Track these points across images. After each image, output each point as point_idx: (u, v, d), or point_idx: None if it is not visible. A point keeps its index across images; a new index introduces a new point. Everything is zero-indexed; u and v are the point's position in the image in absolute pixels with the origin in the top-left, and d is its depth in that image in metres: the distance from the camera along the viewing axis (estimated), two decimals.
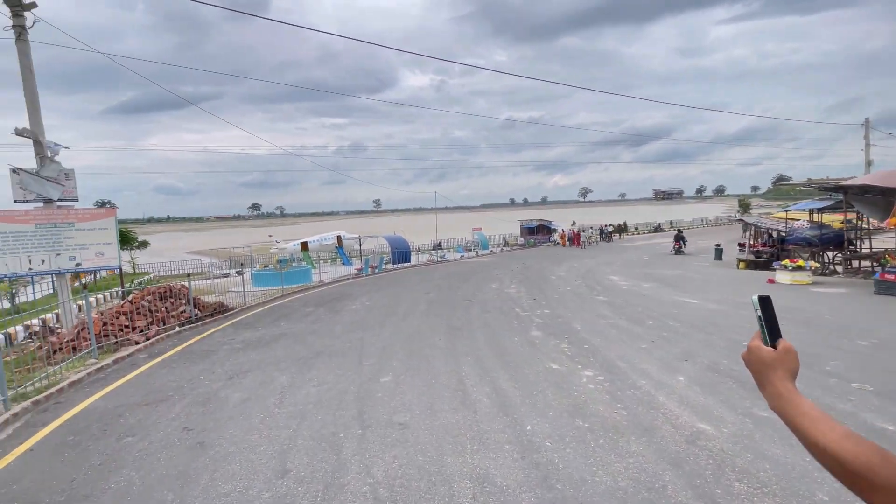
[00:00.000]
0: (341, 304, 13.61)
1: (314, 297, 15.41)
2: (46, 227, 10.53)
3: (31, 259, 10.35)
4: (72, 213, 10.83)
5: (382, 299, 14.07)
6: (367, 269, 23.79)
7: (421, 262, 28.29)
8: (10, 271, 10.16)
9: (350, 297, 14.82)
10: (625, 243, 37.21)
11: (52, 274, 10.87)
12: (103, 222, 11.15)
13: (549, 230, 40.87)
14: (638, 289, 13.50)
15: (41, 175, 10.50)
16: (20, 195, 10.37)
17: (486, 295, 13.65)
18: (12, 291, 17.63)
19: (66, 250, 10.69)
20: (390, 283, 18.64)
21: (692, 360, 6.43)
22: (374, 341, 8.61)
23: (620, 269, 19.00)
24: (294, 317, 11.92)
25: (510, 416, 4.83)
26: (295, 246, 35.87)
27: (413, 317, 10.86)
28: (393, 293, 15.33)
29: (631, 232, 47.73)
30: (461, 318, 10.38)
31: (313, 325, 10.57)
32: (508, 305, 11.61)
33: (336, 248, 34.50)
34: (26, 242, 10.32)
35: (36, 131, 10.43)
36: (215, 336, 10.20)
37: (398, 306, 12.54)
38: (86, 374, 7.67)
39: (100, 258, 11.06)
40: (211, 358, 8.19)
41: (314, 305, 13.59)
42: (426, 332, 9.06)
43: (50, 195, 10.61)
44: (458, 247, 40.56)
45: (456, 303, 12.56)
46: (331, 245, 35.82)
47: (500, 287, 15.31)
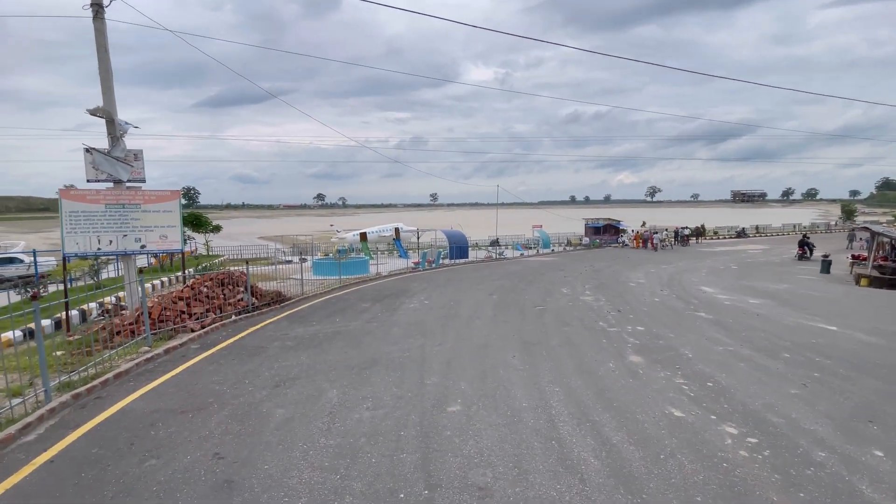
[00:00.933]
0: (399, 300, 12.64)
1: (371, 291, 14.60)
2: (115, 207, 10.36)
3: (100, 239, 10.23)
4: (138, 195, 10.60)
5: (442, 298, 12.93)
6: (425, 263, 22.88)
7: (478, 259, 26.99)
8: (81, 250, 10.08)
9: (407, 294, 13.84)
10: (702, 248, 33.62)
11: (119, 255, 10.74)
12: (168, 205, 10.86)
13: (618, 230, 37.93)
14: (745, 305, 11.31)
15: (112, 155, 10.34)
16: (93, 175, 10.26)
17: (558, 302, 12.08)
18: (95, 267, 18.48)
19: (133, 232, 10.49)
20: (448, 279, 17.52)
21: (880, 423, 4.61)
22: (436, 351, 7.43)
23: (710, 279, 16.53)
24: (350, 312, 11.07)
25: (637, 498, 3.40)
26: (354, 236, 35.92)
27: (478, 323, 9.57)
28: (453, 292, 14.16)
29: (709, 235, 43.38)
30: (535, 329, 8.95)
31: (369, 325, 9.61)
32: (590, 317, 10.00)
33: (393, 240, 34.07)
34: (96, 222, 10.20)
35: (109, 110, 10.26)
36: (268, 329, 9.53)
37: (460, 307, 11.33)
38: (135, 364, 7.14)
39: (163, 241, 10.79)
40: (260, 356, 7.41)
41: (371, 301, 12.73)
42: (496, 345, 7.74)
43: (120, 176, 10.43)
44: (516, 244, 38.82)
45: (525, 308, 11.12)
46: (388, 237, 35.49)
47: (573, 293, 13.63)
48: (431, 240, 40.72)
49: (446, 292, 14.17)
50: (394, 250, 34.67)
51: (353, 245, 37.04)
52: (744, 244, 36.26)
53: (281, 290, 13.57)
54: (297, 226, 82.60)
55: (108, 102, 10.35)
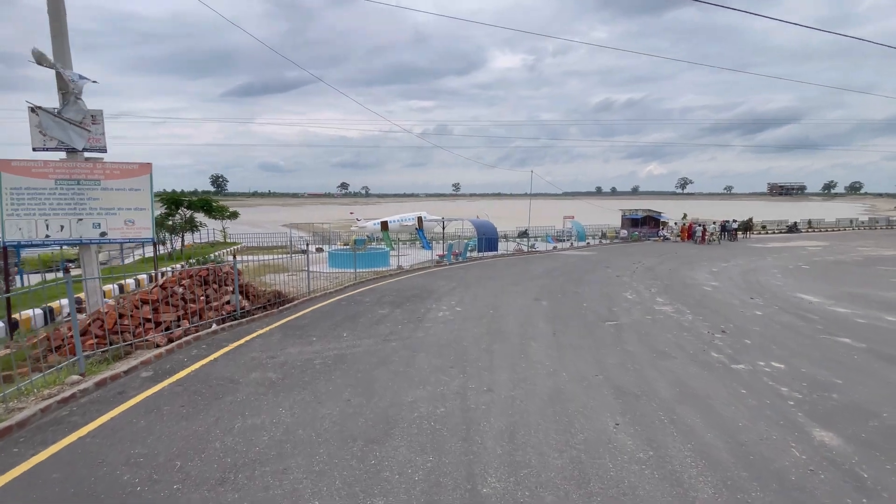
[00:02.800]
0: (424, 305, 10.02)
1: (390, 291, 12.04)
2: (68, 183, 8.00)
3: (48, 223, 7.90)
4: (98, 168, 8.21)
5: (477, 303, 10.25)
6: (450, 255, 20.22)
7: (508, 252, 24.17)
8: (26, 237, 7.78)
9: (434, 295, 11.22)
10: (753, 244, 29.93)
11: (73, 244, 8.42)
12: (136, 181, 8.46)
13: (658, 222, 34.41)
14: (886, 325, 8.25)
15: (63, 117, 7.96)
16: (39, 142, 7.89)
17: (630, 312, 9.23)
18: None
19: (90, 215, 8.13)
20: (481, 276, 14.80)
21: None
22: (485, 404, 4.76)
23: (796, 283, 13.33)
24: (362, 322, 8.51)
25: None
26: (375, 225, 33.51)
27: (535, 347, 6.86)
28: (489, 293, 11.45)
29: (757, 230, 39.32)
30: (621, 362, 6.17)
31: (385, 345, 7.02)
32: (690, 342, 7.14)
33: (416, 230, 31.50)
34: (43, 202, 7.86)
35: (59, 61, 7.85)
36: (253, 346, 7.05)
37: (503, 319, 8.63)
38: (40, 409, 4.73)
39: (129, 228, 8.40)
40: (223, 401, 4.90)
41: (389, 304, 10.15)
42: (577, 396, 5.00)
43: (73, 143, 8.04)
44: (547, 236, 35.80)
45: (591, 323, 8.34)
46: (411, 226, 32.92)
47: (642, 299, 10.74)
48: (456, 230, 38.00)
49: (481, 294, 11.48)
50: (416, 241, 32.15)
51: (374, 234, 34.67)
52: (797, 240, 32.29)
53: (287, 287, 11.17)
54: (320, 214, 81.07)
55: (59, 49, 7.93)
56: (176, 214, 24.11)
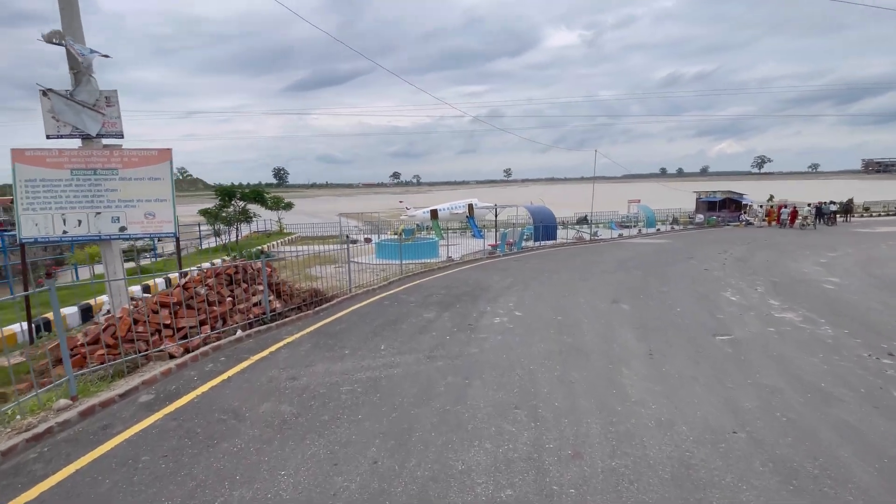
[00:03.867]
0: (476, 307, 8.48)
1: (438, 288, 10.60)
2: (84, 174, 7.21)
3: (65, 218, 7.18)
4: (115, 156, 7.37)
5: (541, 305, 8.55)
6: (504, 245, 18.48)
7: (568, 241, 21.97)
8: (42, 234, 7.11)
9: (488, 294, 9.63)
10: (857, 228, 25.43)
11: (91, 240, 7.69)
12: (155, 169, 7.54)
13: (740, 205, 30.37)
14: None
15: (76, 99, 7.15)
16: (53, 128, 7.13)
17: (745, 323, 7.12)
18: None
19: (108, 208, 7.33)
20: (540, 270, 12.99)
21: None
22: (575, 484, 3.13)
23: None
24: (403, 330, 7.12)
25: None
26: (424, 214, 32.33)
27: (628, 373, 5.09)
28: (554, 293, 9.68)
29: (858, 212, 33.87)
30: (770, 410, 4.25)
31: (430, 363, 5.56)
32: (848, 370, 5.04)
33: (467, 218, 29.92)
34: (59, 195, 7.13)
35: (68, 34, 7.00)
36: (275, 360, 5.86)
37: (576, 328, 6.89)
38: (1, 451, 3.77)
39: (149, 221, 7.52)
40: (208, 458, 3.63)
41: (436, 306, 8.70)
42: (716, 475, 3.24)
43: (87, 128, 7.22)
44: (609, 222, 32.87)
45: (695, 337, 6.39)
46: (461, 214, 31.41)
47: (748, 301, 8.51)
48: (510, 217, 36.00)
49: (544, 293, 9.73)
50: (467, 229, 30.61)
51: (424, 223, 33.55)
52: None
53: (332, 281, 10.11)
54: (373, 203, 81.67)
55: (69, 21, 7.09)
56: (230, 206, 24.19)
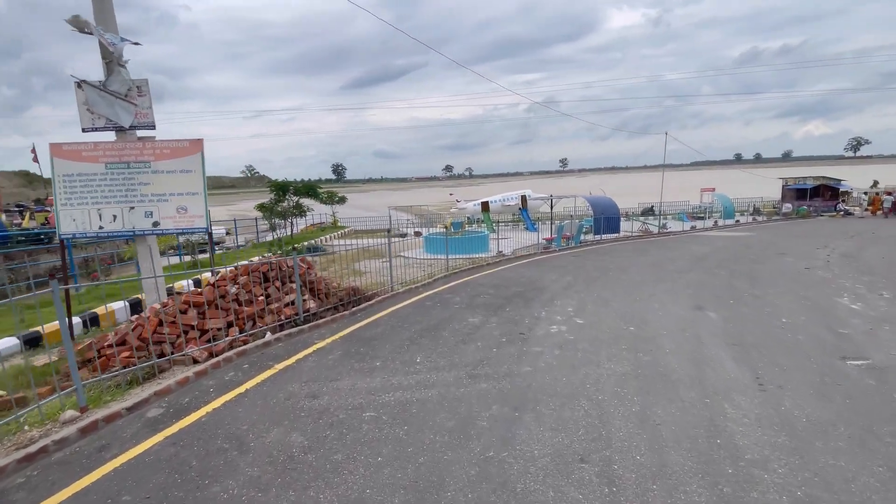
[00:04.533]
0: (530, 311, 7.38)
1: (487, 287, 9.59)
2: (118, 167, 6.99)
3: (101, 213, 7.01)
4: (147, 148, 7.08)
5: (607, 311, 7.28)
6: (560, 239, 17.03)
7: (632, 234, 19.99)
8: (80, 230, 6.98)
9: (543, 296, 8.47)
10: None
11: (126, 236, 7.48)
12: (187, 161, 7.17)
13: (837, 193, 26.36)
14: None
15: (108, 90, 6.90)
16: (88, 121, 6.95)
17: (881, 343, 5.47)
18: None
19: (142, 202, 7.07)
20: (603, 268, 11.54)
21: None
22: None
23: None
24: (445, 338, 6.20)
25: None
26: (475, 206, 31.26)
27: (735, 414, 3.77)
28: (622, 296, 8.32)
29: None
30: None
31: (472, 385, 4.60)
32: None
33: (520, 210, 28.47)
34: (95, 190, 6.95)
35: (100, 23, 6.74)
36: (300, 371, 5.18)
37: (654, 344, 5.60)
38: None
39: (181, 216, 7.18)
40: (203, 496, 2.97)
41: (483, 309, 7.71)
42: None
43: (120, 120, 6.97)
44: (679, 213, 30.00)
45: (816, 361, 4.85)
46: (514, 206, 29.98)
47: (876, 311, 6.66)
48: (566, 209, 34.01)
49: (609, 296, 8.40)
50: (519, 222, 29.20)
51: (475, 216, 32.51)
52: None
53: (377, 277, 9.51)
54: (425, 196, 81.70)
55: (101, 9, 6.82)
56: (284, 201, 24.61)
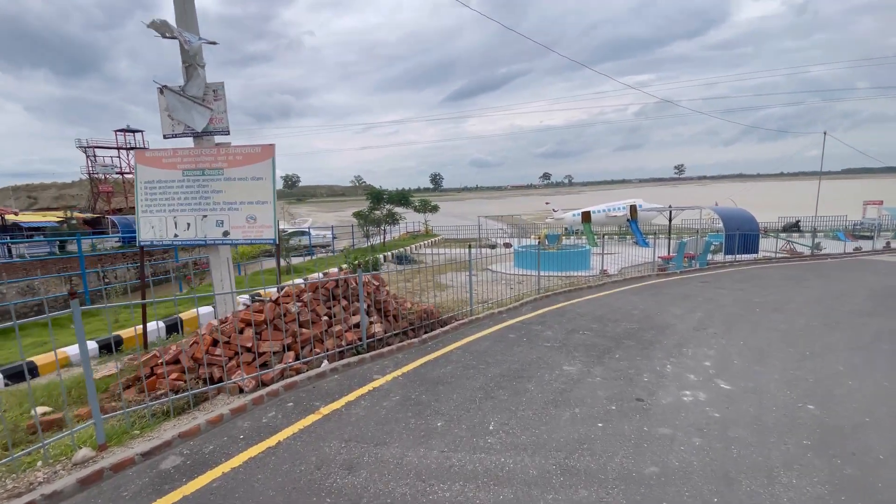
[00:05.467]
0: (648, 364, 5.48)
1: (587, 319, 7.77)
2: (193, 174, 6.75)
3: (176, 221, 6.84)
4: (221, 154, 6.75)
5: (765, 374, 5.08)
6: (681, 259, 14.21)
7: (774, 255, 16.16)
8: (157, 237, 6.88)
9: (665, 340, 6.44)
10: None
11: (198, 245, 7.24)
12: (258, 168, 6.69)
13: None
14: None
15: (187, 95, 6.71)
16: (168, 127, 6.83)
17: None
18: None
19: (213, 211, 6.74)
20: (746, 302, 8.89)
21: None
22: None
23: None
24: (530, 393, 4.66)
25: None
26: (575, 216, 28.66)
27: None
28: (786, 351, 5.93)
29: None
30: None
31: (567, 486, 3.05)
32: None
33: (628, 222, 25.30)
34: (172, 197, 6.79)
35: (181, 25, 6.58)
36: (346, 421, 4.06)
37: (861, 439, 3.42)
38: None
39: (250, 225, 6.70)
40: None
41: (583, 352, 5.98)
42: None
43: (195, 124, 6.74)
44: (835, 231, 24.34)
45: None
46: (621, 217, 26.81)
47: None
48: (685, 222, 29.76)
49: (762, 346, 6.07)
50: (627, 235, 26.00)
51: (574, 227, 29.88)
52: None
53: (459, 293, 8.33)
54: (520, 206, 79.48)
55: (182, 11, 6.66)
56: (379, 209, 24.94)
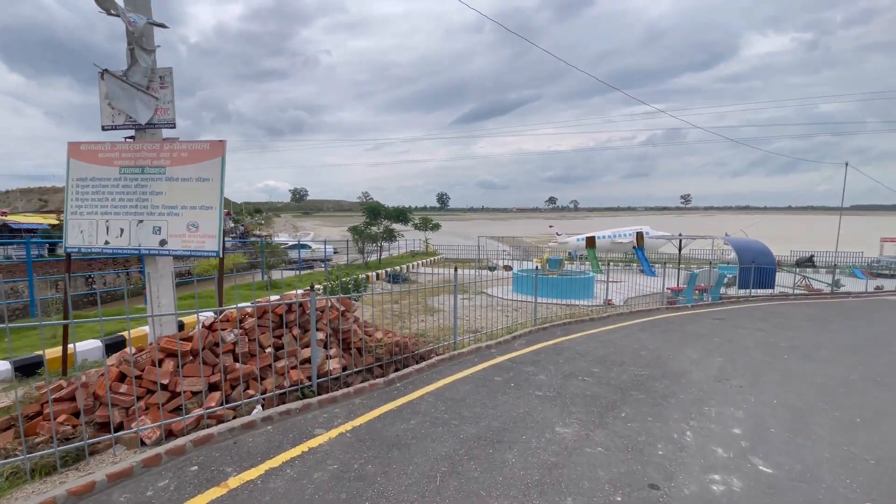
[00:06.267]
0: (663, 427, 4.29)
1: (587, 360, 6.59)
2: (132, 172, 5.76)
3: (108, 226, 5.82)
4: (164, 150, 5.76)
5: (813, 451, 3.90)
6: (692, 292, 13.02)
7: (791, 292, 14.93)
8: (86, 243, 5.83)
9: (680, 392, 5.24)
10: None
11: (131, 254, 6.19)
12: (205, 167, 5.68)
13: None
14: None
15: (129, 81, 5.78)
16: (108, 117, 5.87)
17: None
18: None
19: (151, 215, 5.72)
20: (770, 345, 7.68)
21: None
22: None
23: None
24: (509, 470, 3.49)
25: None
26: (579, 241, 27.57)
27: None
28: (832, 416, 4.72)
29: None
30: None
31: None
32: None
33: (634, 249, 24.16)
34: (106, 198, 5.79)
35: (129, 4, 5.69)
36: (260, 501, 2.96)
37: None
38: None
39: (191, 234, 5.66)
40: None
41: (581, 406, 4.80)
42: None
43: (138, 115, 5.79)
44: (853, 268, 23.10)
45: None
46: (626, 244, 25.69)
47: None
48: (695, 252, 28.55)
49: (800, 405, 4.86)
50: (633, 262, 24.83)
51: (578, 252, 28.75)
52: None
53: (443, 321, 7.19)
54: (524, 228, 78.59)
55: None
56: (376, 225, 23.95)
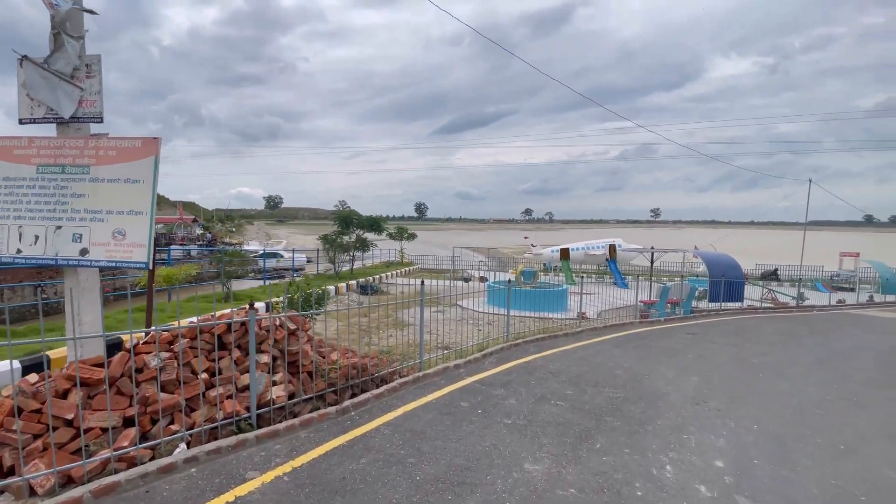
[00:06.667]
0: (640, 460, 3.88)
1: (560, 382, 6.18)
2: (51, 171, 5.06)
3: (21, 232, 5.08)
4: (89, 147, 5.10)
5: (799, 486, 3.59)
6: (664, 305, 12.94)
7: (759, 305, 15.10)
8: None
9: (657, 417, 4.87)
10: None
11: (47, 265, 5.48)
12: (134, 167, 5.04)
13: None
14: None
15: (51, 69, 5.12)
16: (27, 109, 5.18)
17: None
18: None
19: (72, 220, 5.03)
20: (743, 360, 7.49)
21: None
22: None
23: None
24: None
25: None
26: (553, 252, 27.55)
27: None
28: (814, 443, 4.43)
29: None
30: None
31: None
32: None
33: (607, 262, 24.26)
34: (20, 200, 5.07)
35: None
36: None
37: None
38: None
39: (117, 243, 4.97)
40: None
41: (553, 440, 4.36)
42: None
43: (60, 107, 5.12)
44: (815, 282, 23.83)
45: None
46: (600, 256, 25.79)
47: None
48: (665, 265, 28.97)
49: (780, 431, 4.55)
50: (606, 274, 24.93)
51: (552, 264, 28.72)
52: None
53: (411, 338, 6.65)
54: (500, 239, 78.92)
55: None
56: (347, 234, 23.19)
